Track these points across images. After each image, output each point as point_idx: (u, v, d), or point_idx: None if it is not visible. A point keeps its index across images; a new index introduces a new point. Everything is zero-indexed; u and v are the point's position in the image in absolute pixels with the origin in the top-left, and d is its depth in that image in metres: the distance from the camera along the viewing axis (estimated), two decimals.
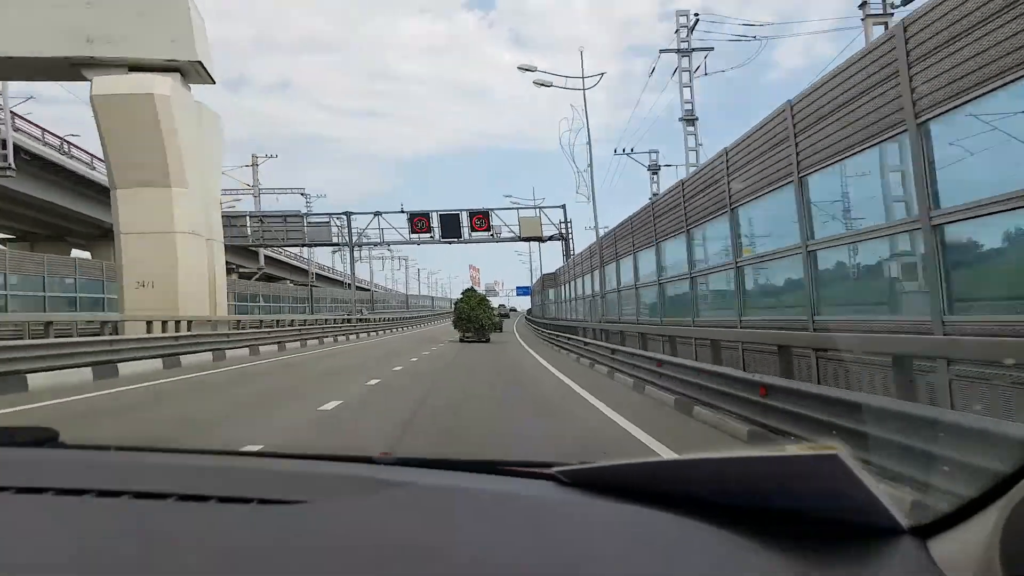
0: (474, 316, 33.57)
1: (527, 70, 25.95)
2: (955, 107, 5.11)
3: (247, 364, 17.40)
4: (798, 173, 8.93)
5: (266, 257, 62.28)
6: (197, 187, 21.13)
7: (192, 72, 21.71)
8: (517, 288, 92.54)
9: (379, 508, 1.02)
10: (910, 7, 16.08)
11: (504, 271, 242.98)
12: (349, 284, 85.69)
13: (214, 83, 22.90)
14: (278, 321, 30.81)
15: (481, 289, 55.34)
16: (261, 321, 29.70)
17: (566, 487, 1.08)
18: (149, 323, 18.32)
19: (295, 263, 73.42)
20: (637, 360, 12.34)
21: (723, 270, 12.33)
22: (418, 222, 42.15)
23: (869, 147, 6.62)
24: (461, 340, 33.01)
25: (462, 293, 36.76)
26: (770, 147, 9.85)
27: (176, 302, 20.09)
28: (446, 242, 42.62)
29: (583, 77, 23.89)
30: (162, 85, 20.19)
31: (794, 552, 0.85)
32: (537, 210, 43.14)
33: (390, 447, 4.34)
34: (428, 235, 42.36)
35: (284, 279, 70.29)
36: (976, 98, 4.91)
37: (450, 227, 42.15)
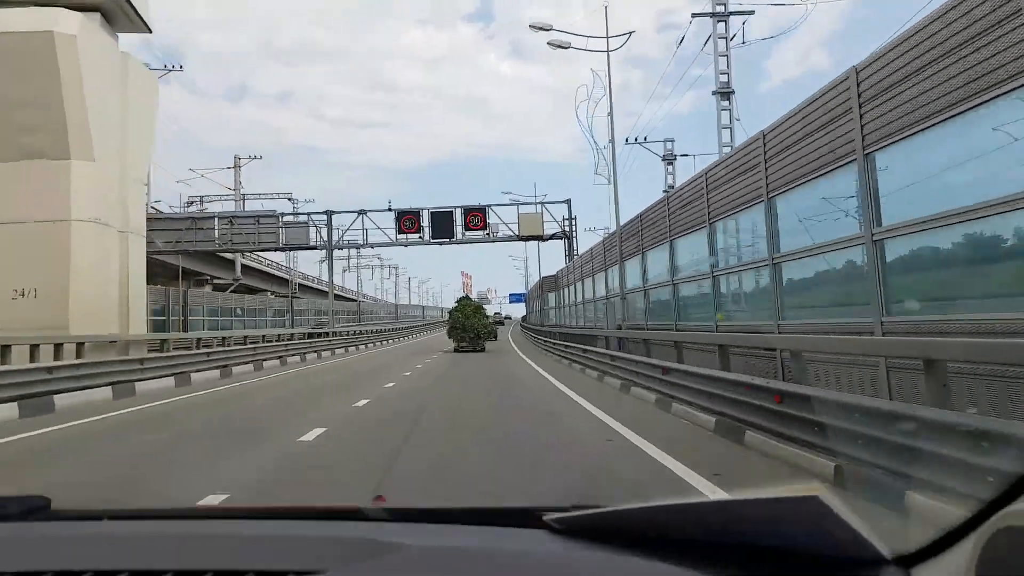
0: (469, 325, 32.19)
1: (541, 29, 21.59)
2: None
3: (159, 403, 12.45)
4: None
5: (243, 266, 58.28)
6: (111, 162, 16.43)
7: (118, 14, 17.04)
8: (510, 295, 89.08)
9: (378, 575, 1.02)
10: None
11: (497, 277, 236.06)
12: (331, 293, 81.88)
13: (150, 32, 18.45)
14: (224, 339, 26.03)
15: (473, 296, 52.46)
16: (198, 340, 24.94)
17: (556, 536, 1.10)
18: (4, 348, 12.87)
19: (276, 273, 69.16)
20: (721, 387, 7.94)
21: (846, 246, 8.06)
22: (407, 221, 37.73)
23: None
24: (456, 350, 31.31)
25: (456, 301, 34.97)
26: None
27: (67, 317, 15.26)
28: (437, 243, 38.18)
29: (608, 37, 19.51)
30: (68, 22, 15.52)
31: None
32: (539, 206, 38.72)
33: None
34: (417, 235, 37.92)
35: (265, 291, 66.26)
36: None
37: (442, 226, 37.76)
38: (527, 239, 38.94)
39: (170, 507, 1.50)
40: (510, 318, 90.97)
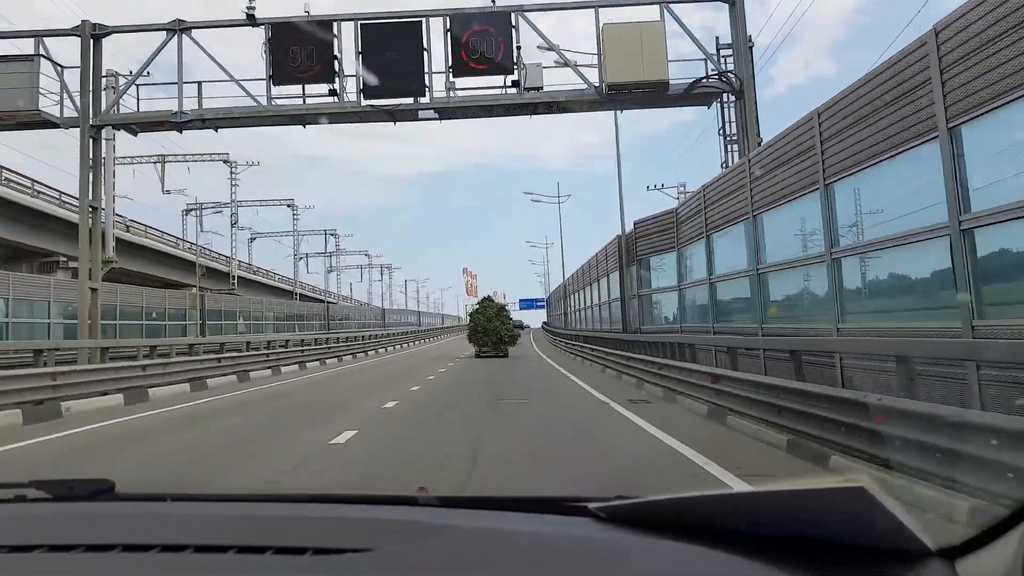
0: (491, 328, 27.69)
1: None
2: None
3: None
4: None
5: (120, 242, 35.06)
6: None
7: None
8: (520, 301, 76.91)
9: (429, 556, 1.03)
10: None
11: (502, 281, 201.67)
12: (295, 293, 57.26)
13: None
14: None
15: (476, 301, 36.00)
16: None
17: (603, 524, 1.10)
18: None
19: (184, 254, 45.57)
20: None
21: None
22: (295, 56, 13.94)
23: None
24: (477, 355, 26.87)
25: (478, 303, 31.24)
26: None
27: None
28: (379, 109, 14.21)
29: None
30: None
31: None
32: (661, 7, 14.36)
33: None
34: (328, 94, 14.12)
35: (177, 283, 42.84)
36: None
37: (394, 70, 13.89)
38: (624, 95, 14.57)
39: (231, 492, 1.62)
40: (528, 326, 71.18)
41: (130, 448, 7.58)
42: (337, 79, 14.13)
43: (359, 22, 14.17)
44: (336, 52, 14.13)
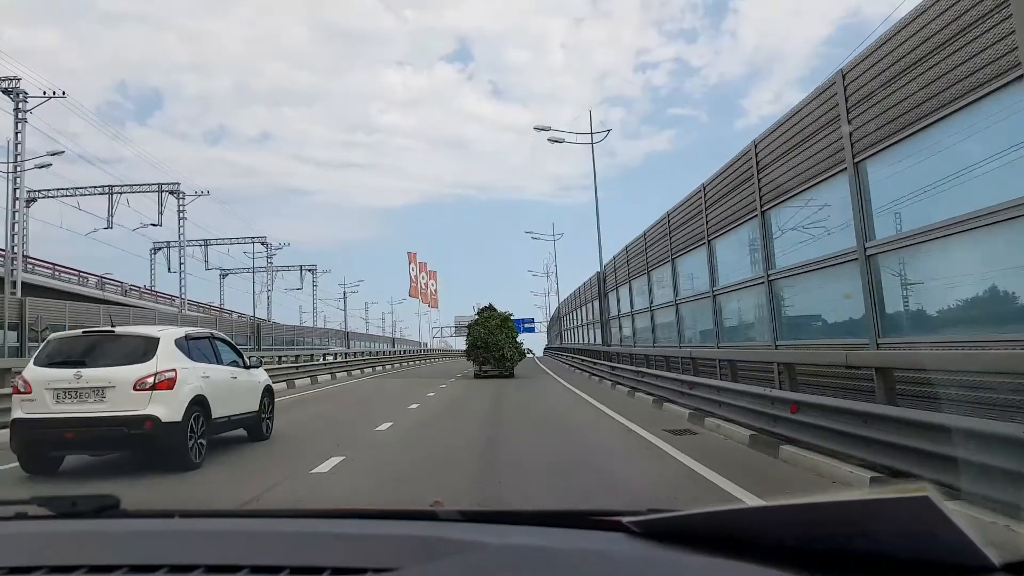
0: (493, 343, 25.46)
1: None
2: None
3: None
4: None
5: None
6: None
7: None
8: None
9: (457, 575, 0.99)
10: None
11: (486, 296, 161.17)
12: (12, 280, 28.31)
13: None
14: None
15: (440, 312, 40.42)
16: None
17: (636, 538, 1.04)
18: None
19: None
20: None
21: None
22: None
23: None
24: (476, 375, 25.31)
25: (478, 313, 28.02)
26: None
27: None
28: None
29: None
30: None
31: None
32: None
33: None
34: None
35: None
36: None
37: None
38: None
39: (242, 507, 1.52)
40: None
41: None
42: None
43: None
44: None
